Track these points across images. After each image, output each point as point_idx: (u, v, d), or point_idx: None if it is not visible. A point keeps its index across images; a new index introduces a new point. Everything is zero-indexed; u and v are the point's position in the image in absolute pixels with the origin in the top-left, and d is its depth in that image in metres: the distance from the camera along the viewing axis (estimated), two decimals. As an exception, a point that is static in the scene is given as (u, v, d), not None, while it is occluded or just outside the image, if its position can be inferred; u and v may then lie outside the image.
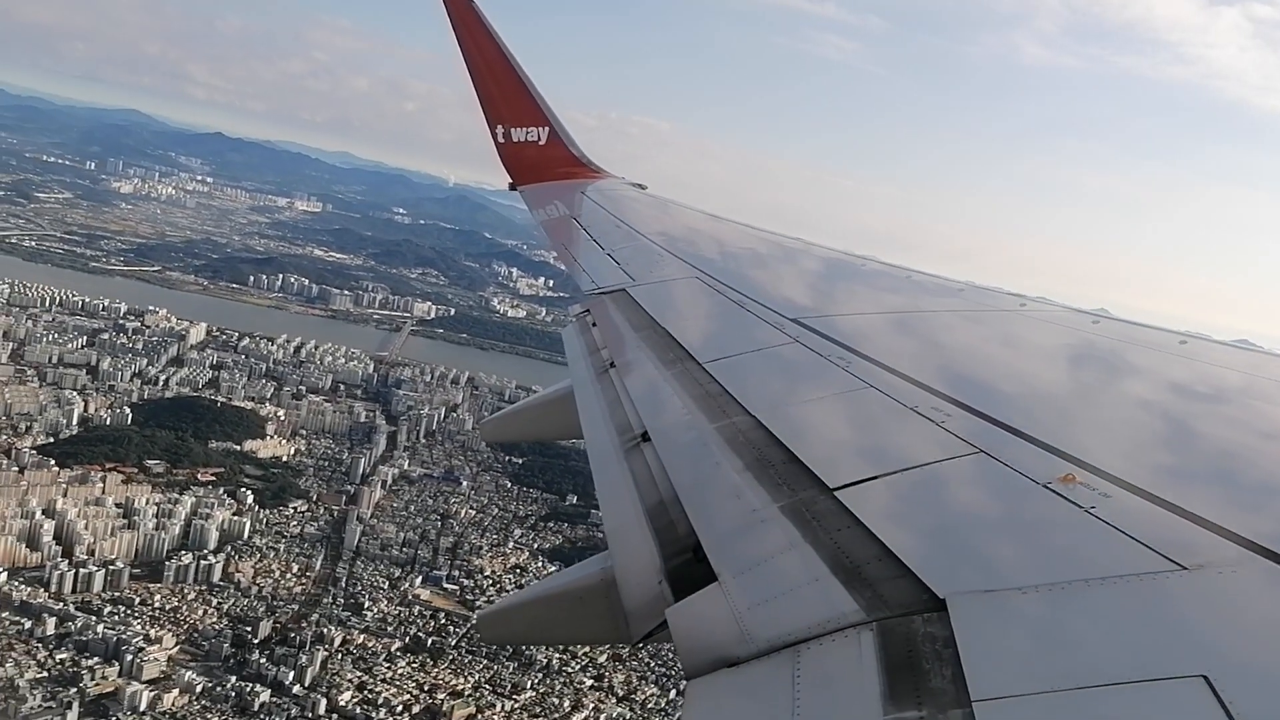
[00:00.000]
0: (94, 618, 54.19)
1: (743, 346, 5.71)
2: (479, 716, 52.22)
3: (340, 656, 55.37)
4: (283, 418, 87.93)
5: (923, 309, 6.84)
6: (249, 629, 55.67)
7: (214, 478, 72.16)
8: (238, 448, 79.45)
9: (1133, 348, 5.43)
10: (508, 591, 66.92)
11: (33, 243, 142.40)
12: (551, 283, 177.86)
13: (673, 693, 57.02)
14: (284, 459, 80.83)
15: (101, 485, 66.95)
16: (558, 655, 58.34)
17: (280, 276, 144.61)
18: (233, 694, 49.77)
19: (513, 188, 14.38)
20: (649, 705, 55.93)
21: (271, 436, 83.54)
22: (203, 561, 60.97)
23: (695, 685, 2.66)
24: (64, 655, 50.50)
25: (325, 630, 57.06)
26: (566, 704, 54.60)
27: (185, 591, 58.95)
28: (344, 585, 63.54)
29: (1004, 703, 2.14)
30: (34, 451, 70.30)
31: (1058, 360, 5.48)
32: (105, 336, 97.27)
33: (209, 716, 48.42)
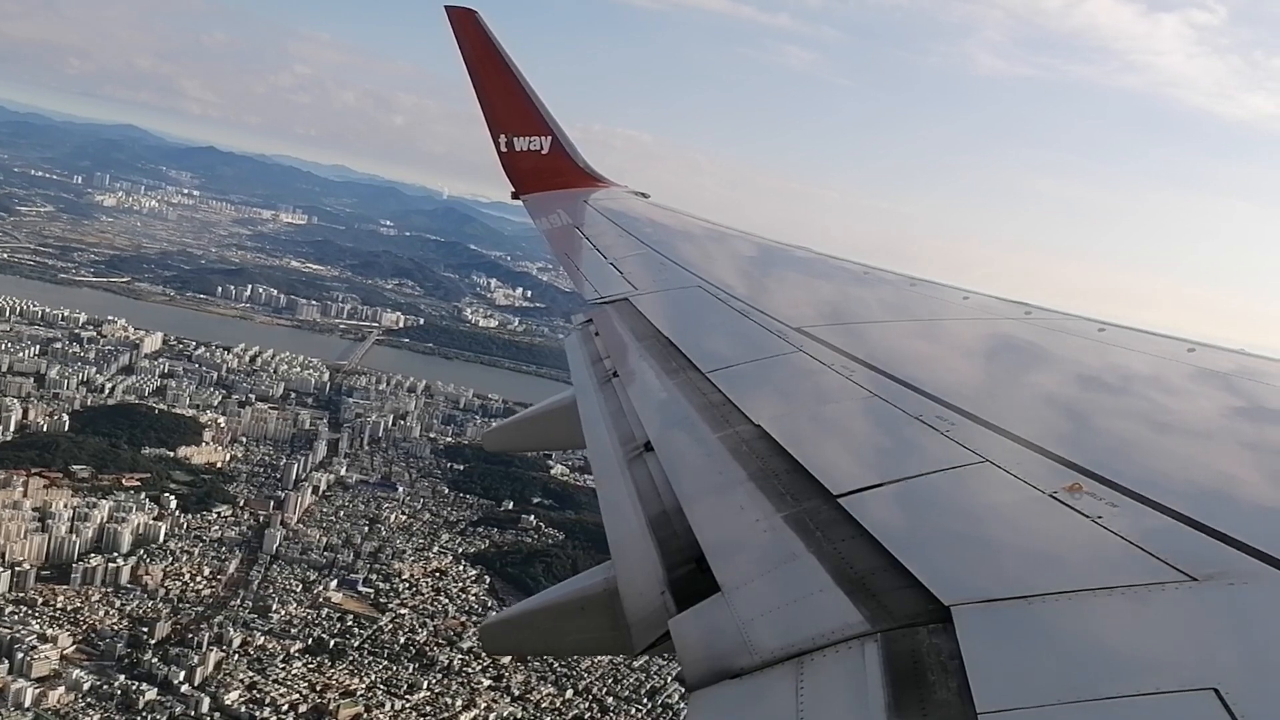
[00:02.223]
0: (-9, 617, 55.10)
1: (746, 355, 5.67)
2: (365, 716, 52.76)
3: (236, 657, 56.08)
4: (223, 424, 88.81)
5: (927, 317, 6.89)
6: (146, 630, 56.39)
7: (139, 483, 72.83)
8: (171, 454, 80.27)
9: (1138, 356, 5.35)
10: (422, 595, 67.80)
11: (4, 255, 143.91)
12: (529, 293, 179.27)
13: (569, 692, 57.60)
14: (217, 465, 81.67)
15: (23, 489, 67.87)
16: (460, 656, 59.07)
17: (249, 287, 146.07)
18: (119, 692, 50.53)
19: (515, 197, 14.41)
20: (543, 705, 56.42)
21: (208, 443, 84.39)
22: (111, 564, 61.81)
23: (698, 696, 2.65)
24: (-44, 654, 51.38)
25: (225, 632, 57.77)
26: (459, 704, 55.19)
27: (90, 594, 59.70)
28: (255, 588, 64.23)
29: (1010, 715, 2.11)
30: (-40, 457, 71.39)
31: (1064, 368, 5.45)
32: (59, 345, 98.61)
33: (91, 713, 49.15)
